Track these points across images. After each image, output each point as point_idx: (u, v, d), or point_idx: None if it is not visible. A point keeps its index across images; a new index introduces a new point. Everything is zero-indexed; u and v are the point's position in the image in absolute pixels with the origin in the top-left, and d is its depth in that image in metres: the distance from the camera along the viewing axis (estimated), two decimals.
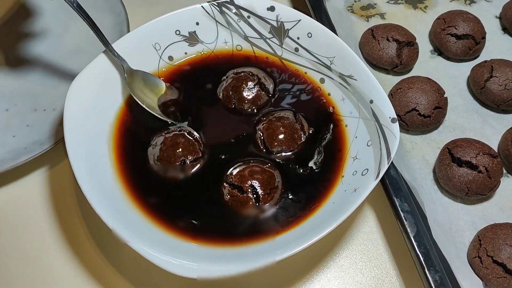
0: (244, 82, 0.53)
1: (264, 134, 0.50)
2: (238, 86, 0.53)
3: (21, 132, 0.55)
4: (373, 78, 0.50)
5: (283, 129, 0.50)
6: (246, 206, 0.46)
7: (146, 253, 0.40)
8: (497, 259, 0.46)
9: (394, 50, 0.61)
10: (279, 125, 0.50)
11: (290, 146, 0.50)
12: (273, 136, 0.50)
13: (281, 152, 0.50)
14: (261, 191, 0.46)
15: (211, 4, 0.55)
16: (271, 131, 0.50)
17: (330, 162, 0.49)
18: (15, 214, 0.53)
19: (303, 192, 0.48)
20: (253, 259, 0.42)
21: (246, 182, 0.46)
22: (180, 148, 0.49)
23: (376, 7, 0.70)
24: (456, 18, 0.63)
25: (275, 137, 0.50)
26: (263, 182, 0.47)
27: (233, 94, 0.53)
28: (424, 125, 0.56)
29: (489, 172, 0.51)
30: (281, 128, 0.50)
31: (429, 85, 0.57)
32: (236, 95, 0.53)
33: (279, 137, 0.50)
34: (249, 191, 0.46)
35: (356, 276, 0.50)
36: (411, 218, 0.47)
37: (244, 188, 0.46)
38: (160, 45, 0.55)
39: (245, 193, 0.46)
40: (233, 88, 0.53)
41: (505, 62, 0.59)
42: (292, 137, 0.50)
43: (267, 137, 0.50)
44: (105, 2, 0.64)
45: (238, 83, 0.53)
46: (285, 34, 0.55)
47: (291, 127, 0.50)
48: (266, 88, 0.54)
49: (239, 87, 0.53)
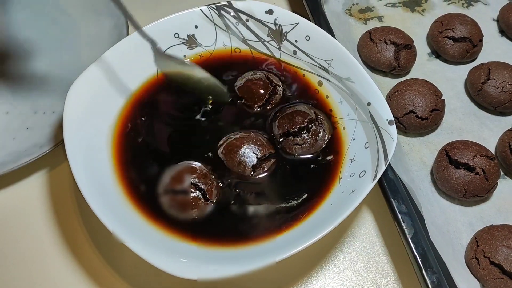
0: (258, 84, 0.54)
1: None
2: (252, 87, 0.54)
3: (21, 135, 0.56)
4: (371, 81, 0.50)
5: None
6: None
7: (146, 254, 0.40)
8: (494, 260, 0.47)
9: (392, 52, 0.61)
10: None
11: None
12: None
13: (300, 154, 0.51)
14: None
15: (209, 8, 0.56)
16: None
17: (328, 164, 0.50)
18: (14, 216, 0.53)
19: (301, 193, 0.48)
20: (252, 260, 0.42)
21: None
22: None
23: (374, 10, 0.71)
24: (453, 21, 0.64)
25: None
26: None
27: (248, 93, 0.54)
28: (422, 127, 0.57)
29: (486, 174, 0.51)
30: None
31: (427, 87, 0.57)
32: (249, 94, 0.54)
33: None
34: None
35: (354, 278, 0.50)
36: (409, 220, 0.47)
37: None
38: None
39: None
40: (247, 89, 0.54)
41: (502, 64, 0.60)
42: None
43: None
44: (105, 5, 0.64)
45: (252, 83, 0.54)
46: (283, 37, 0.56)
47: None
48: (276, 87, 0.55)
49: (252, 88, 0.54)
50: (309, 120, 0.50)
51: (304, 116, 0.51)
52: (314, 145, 0.50)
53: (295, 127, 0.50)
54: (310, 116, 0.51)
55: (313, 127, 0.50)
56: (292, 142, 0.50)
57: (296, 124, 0.50)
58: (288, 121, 0.51)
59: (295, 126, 0.50)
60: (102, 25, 0.63)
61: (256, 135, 0.50)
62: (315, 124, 0.51)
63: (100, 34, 0.63)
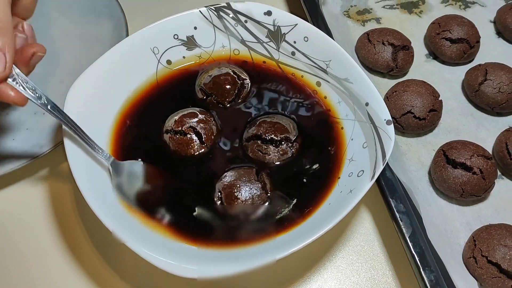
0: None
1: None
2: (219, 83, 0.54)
3: (20, 135, 0.56)
4: (369, 81, 0.50)
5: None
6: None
7: (146, 254, 0.41)
8: (491, 259, 0.47)
9: (389, 54, 0.62)
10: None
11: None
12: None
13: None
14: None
15: (208, 9, 0.56)
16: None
17: (326, 164, 0.50)
18: (15, 216, 0.54)
19: (300, 193, 0.48)
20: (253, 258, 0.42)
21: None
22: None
23: (372, 12, 0.71)
24: (450, 22, 0.64)
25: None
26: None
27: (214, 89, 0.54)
28: (420, 128, 0.57)
29: (483, 174, 0.51)
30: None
31: (424, 88, 0.58)
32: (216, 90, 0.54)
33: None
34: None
35: (353, 277, 0.50)
36: (407, 219, 0.48)
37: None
38: (158, 49, 0.55)
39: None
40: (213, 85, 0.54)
41: (499, 65, 0.60)
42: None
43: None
44: (105, 7, 0.64)
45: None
46: (282, 38, 0.56)
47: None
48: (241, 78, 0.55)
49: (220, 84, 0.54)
50: (284, 138, 0.50)
51: (282, 132, 0.51)
52: (271, 159, 0.50)
53: (269, 136, 0.50)
54: (287, 135, 0.51)
55: (282, 146, 0.50)
56: (257, 146, 0.50)
57: (271, 134, 0.50)
58: (267, 127, 0.51)
59: (270, 135, 0.50)
60: (102, 27, 0.63)
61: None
62: (287, 145, 0.50)
63: (99, 35, 0.63)
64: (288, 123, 0.52)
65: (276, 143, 0.50)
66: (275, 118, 0.52)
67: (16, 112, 0.58)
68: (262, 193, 0.47)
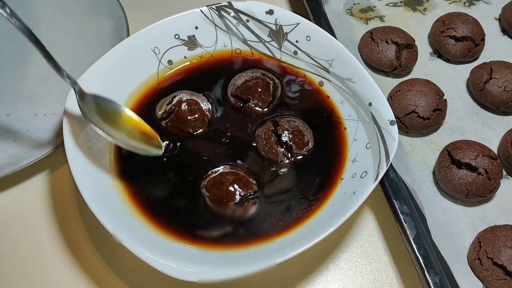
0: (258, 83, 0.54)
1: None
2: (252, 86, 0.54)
3: (21, 137, 0.56)
4: (372, 81, 0.50)
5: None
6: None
7: (146, 257, 0.40)
8: (497, 261, 0.46)
9: (393, 52, 0.61)
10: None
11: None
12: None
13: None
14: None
15: (210, 8, 0.56)
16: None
17: (329, 165, 0.49)
18: (15, 218, 0.53)
19: (303, 194, 0.48)
20: (253, 262, 0.42)
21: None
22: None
23: (375, 9, 0.70)
24: (455, 20, 0.63)
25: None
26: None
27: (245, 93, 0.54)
28: (424, 127, 0.56)
29: (488, 174, 0.51)
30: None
31: (429, 87, 0.57)
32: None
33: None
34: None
35: (356, 279, 0.50)
36: (411, 221, 0.47)
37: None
38: (159, 49, 0.55)
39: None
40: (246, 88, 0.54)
41: (504, 63, 0.59)
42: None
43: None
44: (105, 7, 0.64)
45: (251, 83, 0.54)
46: (284, 38, 0.56)
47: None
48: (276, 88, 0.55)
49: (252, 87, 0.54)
50: (299, 148, 0.50)
51: (300, 138, 0.50)
52: (273, 153, 0.50)
53: (286, 136, 0.50)
54: (305, 141, 0.50)
55: (291, 152, 0.50)
56: (269, 147, 0.50)
57: (289, 135, 0.50)
58: (286, 129, 0.50)
59: (287, 136, 0.50)
60: (102, 27, 0.63)
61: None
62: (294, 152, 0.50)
63: (100, 35, 0.63)
64: (307, 133, 0.51)
65: (290, 149, 0.50)
66: (296, 122, 0.51)
67: (17, 113, 0.58)
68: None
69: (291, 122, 0.51)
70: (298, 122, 0.51)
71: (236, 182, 0.48)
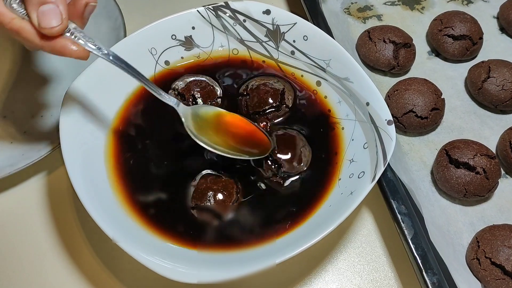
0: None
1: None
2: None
3: (18, 139, 0.56)
4: (369, 81, 0.50)
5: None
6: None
7: (144, 259, 0.40)
8: (495, 260, 0.46)
9: (391, 51, 0.61)
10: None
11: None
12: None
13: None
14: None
15: (206, 8, 0.55)
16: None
17: (326, 165, 0.49)
18: (13, 219, 0.53)
19: (300, 195, 0.48)
20: (252, 262, 0.42)
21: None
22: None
23: (373, 8, 0.70)
24: (453, 18, 0.63)
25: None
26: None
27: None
28: (422, 127, 0.56)
29: (487, 173, 0.50)
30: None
31: (426, 86, 0.57)
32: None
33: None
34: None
35: (354, 279, 0.50)
36: (409, 221, 0.47)
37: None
38: (156, 50, 0.55)
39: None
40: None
41: (502, 62, 0.59)
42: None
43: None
44: (102, 7, 0.64)
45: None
46: (281, 37, 0.55)
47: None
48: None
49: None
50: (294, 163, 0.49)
51: (293, 146, 0.50)
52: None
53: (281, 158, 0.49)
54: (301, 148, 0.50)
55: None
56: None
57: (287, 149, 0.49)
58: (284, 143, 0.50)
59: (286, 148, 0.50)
60: (99, 28, 0.63)
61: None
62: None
63: (97, 36, 0.62)
64: (306, 153, 0.50)
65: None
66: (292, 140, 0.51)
67: (14, 115, 0.58)
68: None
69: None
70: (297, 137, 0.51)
71: (234, 183, 0.48)
